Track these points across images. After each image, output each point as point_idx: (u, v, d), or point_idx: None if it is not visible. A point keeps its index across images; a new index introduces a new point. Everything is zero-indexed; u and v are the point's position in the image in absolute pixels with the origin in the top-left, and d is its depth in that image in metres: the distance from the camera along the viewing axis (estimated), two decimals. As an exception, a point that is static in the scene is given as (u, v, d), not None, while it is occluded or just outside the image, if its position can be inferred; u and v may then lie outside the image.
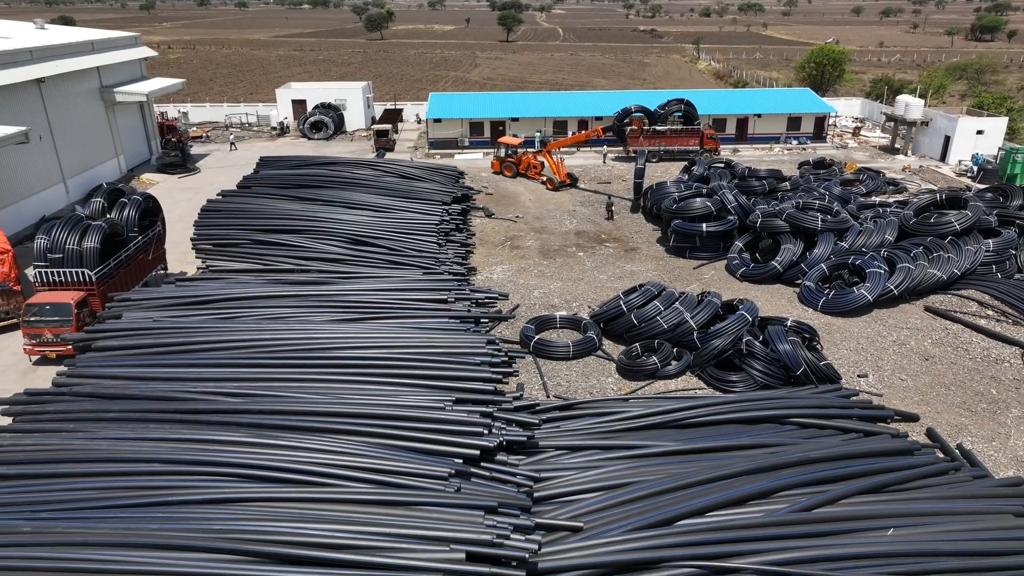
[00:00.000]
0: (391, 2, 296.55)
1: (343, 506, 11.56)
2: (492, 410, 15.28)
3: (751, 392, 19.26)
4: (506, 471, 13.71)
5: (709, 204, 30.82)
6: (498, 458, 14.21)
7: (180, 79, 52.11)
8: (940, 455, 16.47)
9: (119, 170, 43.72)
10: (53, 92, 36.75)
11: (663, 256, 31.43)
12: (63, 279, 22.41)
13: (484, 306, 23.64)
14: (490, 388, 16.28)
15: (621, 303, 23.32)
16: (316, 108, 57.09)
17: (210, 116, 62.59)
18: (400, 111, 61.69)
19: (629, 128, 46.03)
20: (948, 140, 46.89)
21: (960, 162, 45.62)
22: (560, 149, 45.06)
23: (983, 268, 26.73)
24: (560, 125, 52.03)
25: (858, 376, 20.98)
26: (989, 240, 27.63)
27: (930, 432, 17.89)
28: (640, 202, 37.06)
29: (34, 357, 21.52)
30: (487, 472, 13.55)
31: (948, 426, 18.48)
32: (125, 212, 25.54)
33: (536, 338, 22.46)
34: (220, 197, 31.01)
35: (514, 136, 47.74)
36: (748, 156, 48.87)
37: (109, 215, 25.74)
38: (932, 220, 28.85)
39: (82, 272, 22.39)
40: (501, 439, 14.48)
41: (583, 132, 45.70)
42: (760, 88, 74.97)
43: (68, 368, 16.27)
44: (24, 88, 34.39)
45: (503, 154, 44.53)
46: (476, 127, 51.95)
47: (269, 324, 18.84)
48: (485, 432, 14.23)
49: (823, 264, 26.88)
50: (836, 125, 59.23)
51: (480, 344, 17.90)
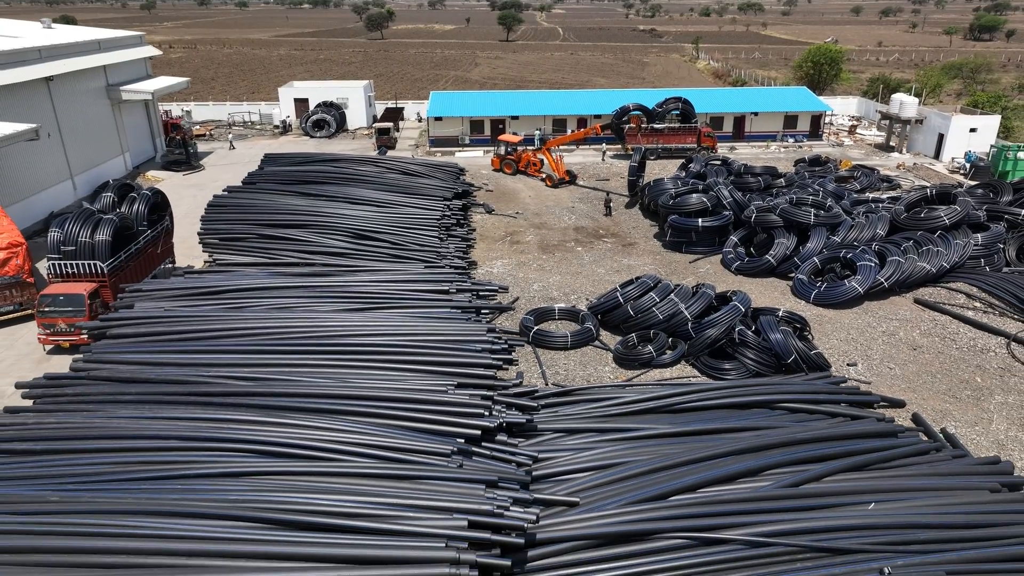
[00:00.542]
0: (391, 2, 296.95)
1: (351, 479, 12.21)
2: (492, 394, 15.92)
3: (743, 379, 19.90)
4: (506, 450, 14.35)
5: (705, 200, 31.45)
6: (498, 439, 14.87)
7: (184, 78, 52.78)
8: (923, 438, 17.10)
9: (125, 167, 44.40)
10: (61, 90, 37.38)
11: (660, 251, 32.06)
12: (76, 271, 23.09)
13: (484, 298, 24.27)
14: (490, 374, 16.93)
15: (618, 295, 23.96)
16: (318, 106, 57.74)
17: (213, 115, 63.27)
18: (401, 110, 62.36)
19: (627, 126, 46.60)
20: (942, 138, 47.52)
21: (953, 159, 46.26)
22: (559, 147, 45.71)
23: (972, 261, 27.36)
24: (559, 123, 52.67)
25: (847, 365, 21.62)
26: (978, 234, 28.27)
27: (915, 417, 18.53)
28: (638, 196, 37.69)
29: (48, 346, 22.19)
30: (487, 451, 14.19)
31: (933, 412, 19.13)
32: (135, 206, 26.24)
33: (535, 328, 23.09)
34: (226, 193, 31.61)
35: (514, 134, 48.39)
36: (745, 154, 49.50)
37: (119, 209, 26.40)
38: (922, 215, 29.49)
39: (94, 264, 23.08)
40: (501, 421, 15.10)
41: (582, 130, 46.29)
42: (757, 87, 75.57)
43: (85, 354, 16.92)
44: (33, 86, 35.06)
45: (503, 152, 45.17)
46: (476, 125, 52.57)
47: (277, 313, 19.49)
48: (486, 414, 14.85)
49: (816, 258, 27.52)
50: (832, 123, 59.91)
51: (480, 332, 18.55)
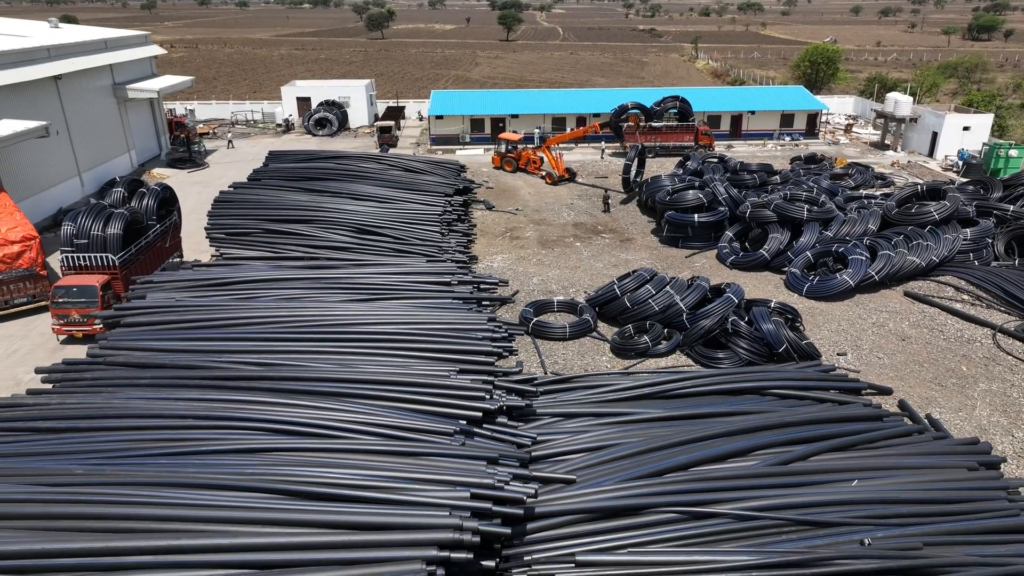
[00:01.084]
0: (392, 1, 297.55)
1: (359, 455, 12.89)
2: (493, 379, 16.60)
3: (735, 368, 20.56)
4: (506, 432, 15.02)
5: (701, 196, 32.09)
6: (498, 421, 15.54)
7: (189, 77, 53.44)
8: (908, 422, 17.75)
9: (131, 164, 45.04)
10: (69, 89, 38.03)
11: (657, 246, 32.71)
12: (88, 263, 23.74)
13: (485, 291, 24.95)
14: (491, 361, 17.63)
15: (615, 287, 24.60)
16: (320, 105, 58.39)
17: (216, 113, 63.89)
18: (402, 108, 63.00)
19: (626, 124, 47.20)
20: (936, 136, 48.17)
21: (947, 157, 46.92)
22: (559, 145, 46.40)
23: (961, 256, 28.02)
24: (559, 122, 53.30)
25: (838, 354, 22.27)
26: (967, 229, 28.92)
27: (901, 403, 19.18)
28: (634, 192, 38.38)
29: (61, 337, 22.83)
30: (488, 432, 14.87)
31: (919, 399, 19.78)
32: (144, 201, 26.90)
33: (534, 320, 23.75)
34: (232, 189, 32.27)
35: (514, 132, 49.02)
36: (742, 152, 50.16)
37: (129, 204, 27.06)
38: (913, 210, 30.13)
39: (106, 257, 23.71)
40: (502, 404, 15.80)
41: (581, 128, 46.91)
42: (755, 86, 76.22)
43: (100, 342, 17.58)
44: (42, 85, 35.70)
45: (503, 150, 45.79)
46: (477, 123, 53.20)
47: (286, 303, 20.16)
48: (487, 397, 15.54)
49: (808, 252, 28.17)
50: (829, 122, 60.55)
51: (481, 321, 19.23)
